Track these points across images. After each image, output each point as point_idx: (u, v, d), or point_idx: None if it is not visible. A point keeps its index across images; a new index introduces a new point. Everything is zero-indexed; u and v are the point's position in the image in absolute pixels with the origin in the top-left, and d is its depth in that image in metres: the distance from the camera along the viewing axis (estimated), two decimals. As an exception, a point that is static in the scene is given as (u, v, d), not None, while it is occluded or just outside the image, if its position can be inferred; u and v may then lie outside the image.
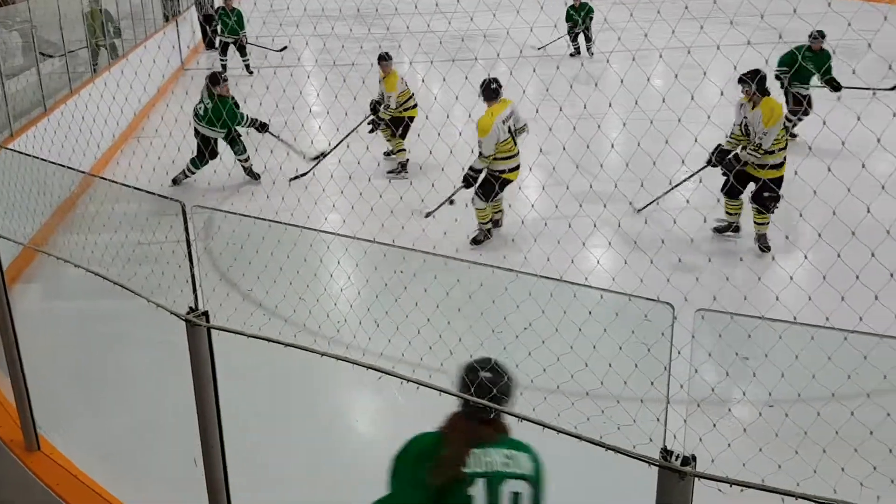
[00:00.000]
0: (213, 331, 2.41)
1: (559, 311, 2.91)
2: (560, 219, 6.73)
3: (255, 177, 8.22)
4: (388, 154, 8.80)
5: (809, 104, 8.55)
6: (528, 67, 6.44)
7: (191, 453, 2.59)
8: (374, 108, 8.40)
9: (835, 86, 8.32)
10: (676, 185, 6.27)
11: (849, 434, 2.84)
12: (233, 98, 7.97)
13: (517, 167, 6.35)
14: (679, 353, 1.95)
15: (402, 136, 8.34)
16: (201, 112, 7.83)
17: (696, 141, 3.83)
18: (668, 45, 4.70)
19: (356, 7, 21.90)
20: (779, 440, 2.58)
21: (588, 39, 14.57)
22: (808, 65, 8.37)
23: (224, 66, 12.85)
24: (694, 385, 2.10)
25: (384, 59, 8.49)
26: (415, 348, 3.22)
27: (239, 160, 8.12)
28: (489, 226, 6.48)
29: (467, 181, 6.42)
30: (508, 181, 6.38)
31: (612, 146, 3.94)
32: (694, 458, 1.96)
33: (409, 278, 3.61)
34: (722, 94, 4.57)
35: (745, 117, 5.78)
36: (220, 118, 7.66)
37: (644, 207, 6.25)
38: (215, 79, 7.92)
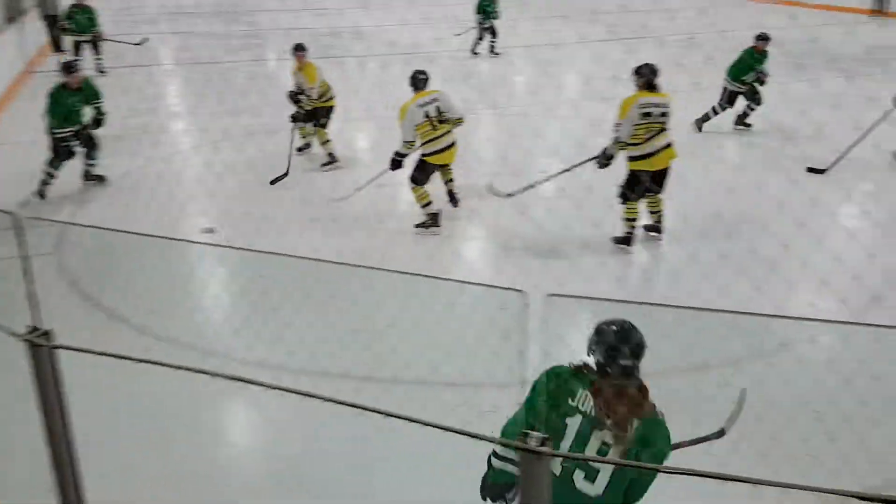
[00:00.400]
0: (63, 351, 2.28)
1: (424, 306, 2.95)
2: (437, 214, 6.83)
3: (99, 180, 7.63)
4: (301, 149, 8.55)
5: (758, 94, 9.12)
6: (400, 64, 6.49)
7: (43, 483, 2.43)
8: (296, 99, 8.10)
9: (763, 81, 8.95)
10: (552, 176, 6.40)
11: (690, 405, 3.06)
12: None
13: (441, 151, 6.43)
14: (533, 338, 2.04)
15: (325, 126, 8.17)
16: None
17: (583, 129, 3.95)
18: (535, 42, 4.84)
19: (217, 3, 21.23)
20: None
21: (494, 35, 14.48)
22: (756, 65, 8.95)
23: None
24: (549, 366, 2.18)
25: (301, 49, 8.15)
26: (280, 352, 3.17)
27: (87, 162, 7.52)
28: (434, 209, 6.49)
29: (393, 164, 6.53)
30: (434, 165, 6.48)
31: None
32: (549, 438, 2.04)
33: (273, 283, 3.55)
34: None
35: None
36: (69, 110, 7.08)
37: (514, 194, 6.35)
38: (66, 67, 7.25)
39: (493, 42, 14.35)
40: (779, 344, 4.26)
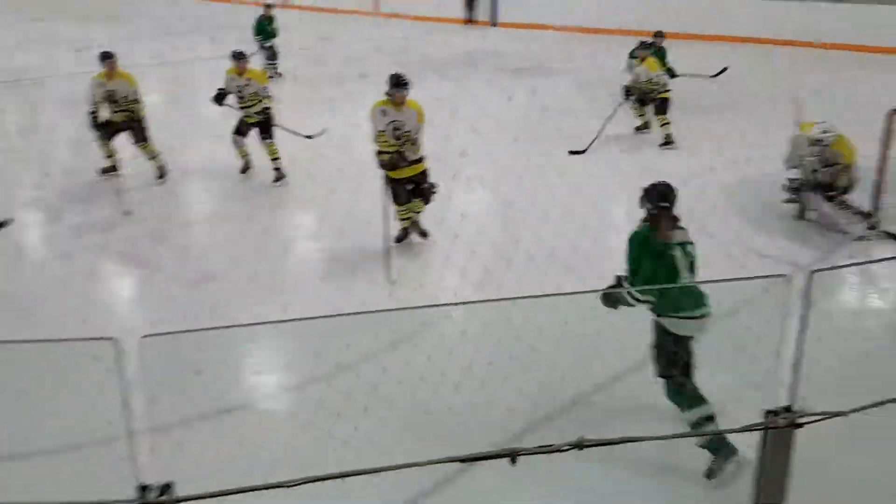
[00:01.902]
0: None
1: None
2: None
3: None
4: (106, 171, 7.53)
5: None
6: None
7: None
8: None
9: (672, 74, 9.41)
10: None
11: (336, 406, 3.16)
12: None
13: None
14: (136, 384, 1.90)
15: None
16: None
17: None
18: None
19: None
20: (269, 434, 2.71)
21: (274, 57, 13.04)
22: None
23: None
24: (158, 412, 2.06)
25: (109, 56, 7.50)
26: None
27: None
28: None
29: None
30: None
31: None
32: (170, 484, 1.93)
33: None
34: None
35: (394, 120, 5.82)
36: None
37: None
38: None
39: (271, 64, 12.90)
40: (420, 324, 4.58)
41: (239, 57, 7.75)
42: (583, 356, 3.43)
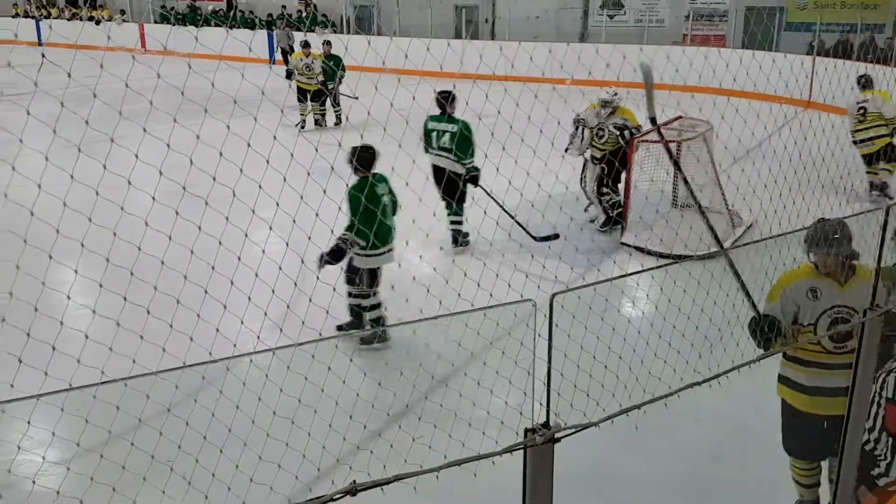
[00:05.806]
0: None
1: None
2: None
3: None
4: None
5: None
6: None
7: None
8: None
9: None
10: None
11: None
12: None
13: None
14: None
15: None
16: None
17: None
18: None
19: None
20: None
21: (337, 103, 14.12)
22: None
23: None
24: None
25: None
26: None
27: None
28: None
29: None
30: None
31: None
32: None
33: None
34: None
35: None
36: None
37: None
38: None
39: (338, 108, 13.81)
40: (226, 369, 4.28)
41: (306, 45, 12.71)
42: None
